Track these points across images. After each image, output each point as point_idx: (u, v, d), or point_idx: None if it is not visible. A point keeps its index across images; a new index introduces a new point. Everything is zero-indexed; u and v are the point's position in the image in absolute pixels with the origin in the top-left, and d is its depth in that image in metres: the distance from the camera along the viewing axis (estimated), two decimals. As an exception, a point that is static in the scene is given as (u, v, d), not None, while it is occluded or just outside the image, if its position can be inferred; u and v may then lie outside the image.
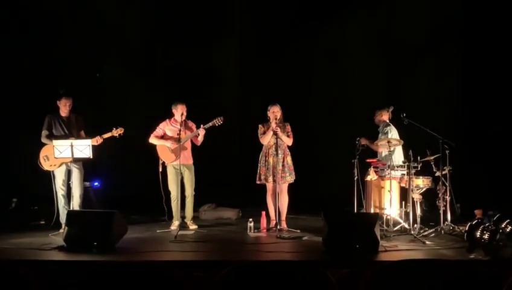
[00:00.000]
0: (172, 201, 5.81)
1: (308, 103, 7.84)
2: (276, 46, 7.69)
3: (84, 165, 5.62)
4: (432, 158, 5.56)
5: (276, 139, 5.57)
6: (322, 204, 5.92)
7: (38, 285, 2.31)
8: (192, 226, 5.79)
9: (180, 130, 5.57)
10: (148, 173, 6.28)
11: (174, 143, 5.68)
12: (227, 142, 7.51)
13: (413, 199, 5.37)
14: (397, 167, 5.60)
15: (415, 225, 5.27)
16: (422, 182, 5.49)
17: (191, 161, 5.87)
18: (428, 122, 5.54)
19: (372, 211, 5.79)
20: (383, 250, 4.32)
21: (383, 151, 6.04)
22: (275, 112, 5.62)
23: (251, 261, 3.96)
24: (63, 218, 5.40)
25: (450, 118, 6.95)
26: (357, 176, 5.77)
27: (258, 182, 5.74)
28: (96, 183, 7.03)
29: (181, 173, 5.67)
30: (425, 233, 5.16)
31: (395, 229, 5.43)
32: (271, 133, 5.61)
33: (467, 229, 4.57)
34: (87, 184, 6.38)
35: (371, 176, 5.91)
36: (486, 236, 4.35)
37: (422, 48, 7.42)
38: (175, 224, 5.69)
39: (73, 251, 4.32)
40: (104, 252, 4.24)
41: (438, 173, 5.58)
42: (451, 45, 7.27)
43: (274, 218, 5.61)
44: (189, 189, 5.81)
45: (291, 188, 5.79)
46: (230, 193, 7.38)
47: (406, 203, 5.53)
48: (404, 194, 5.65)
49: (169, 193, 5.79)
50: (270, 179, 5.61)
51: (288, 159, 5.69)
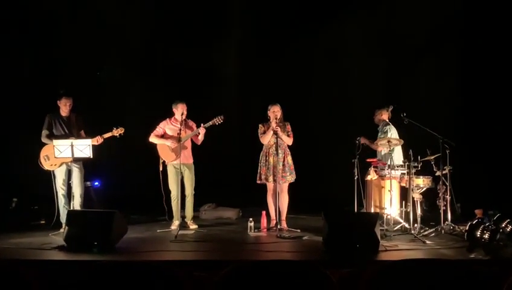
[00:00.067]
0: (172, 200, 5.81)
1: (308, 103, 7.83)
2: (276, 46, 7.68)
3: (85, 165, 5.62)
4: (432, 158, 5.56)
5: (276, 139, 5.57)
6: (322, 204, 5.93)
7: (38, 285, 2.31)
8: (193, 226, 5.79)
9: (180, 129, 5.57)
10: (148, 173, 6.29)
11: (174, 142, 5.68)
12: (227, 142, 7.51)
13: (413, 198, 5.37)
14: (397, 166, 5.60)
15: (415, 225, 5.27)
16: (422, 182, 5.49)
17: (191, 160, 5.87)
18: (428, 122, 5.54)
19: (372, 211, 5.79)
20: (383, 250, 4.33)
21: (383, 151, 6.05)
22: (275, 111, 5.63)
23: (251, 260, 3.97)
24: (63, 218, 5.41)
25: (450, 118, 6.94)
26: (357, 176, 5.78)
27: (258, 181, 5.74)
28: (96, 183, 7.03)
29: (181, 173, 5.67)
30: (426, 233, 5.16)
31: (396, 228, 5.43)
32: (271, 132, 5.61)
33: (467, 228, 4.57)
34: (88, 184, 6.39)
35: (371, 175, 5.91)
36: (486, 236, 4.35)
37: (422, 48, 7.41)
38: (175, 224, 5.69)
39: (74, 251, 4.33)
40: (104, 251, 4.25)
41: (438, 173, 5.57)
42: (451, 45, 7.27)
43: (274, 218, 5.62)
44: (189, 188, 5.81)
45: (292, 187, 5.79)
46: (230, 193, 7.38)
47: (406, 203, 5.53)
48: (404, 193, 5.65)
49: (170, 192, 5.79)
50: (271, 178, 5.61)
51: (289, 159, 5.69)
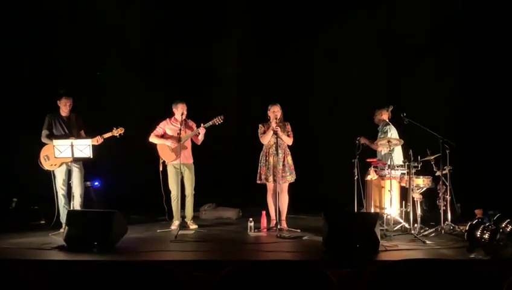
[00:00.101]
0: (172, 200, 5.81)
1: (308, 103, 7.83)
2: (276, 46, 7.68)
3: (84, 165, 5.62)
4: (432, 158, 5.56)
5: (276, 139, 5.57)
6: (322, 204, 5.93)
7: (38, 285, 2.31)
8: (193, 226, 5.79)
9: (180, 129, 5.57)
10: (148, 173, 6.29)
11: (174, 142, 5.68)
12: (227, 142, 7.51)
13: (413, 198, 5.37)
14: (397, 166, 5.60)
15: (415, 225, 5.27)
16: (422, 182, 5.49)
17: (191, 160, 5.87)
18: (428, 122, 5.54)
19: (372, 211, 5.79)
20: (383, 250, 4.33)
21: (383, 151, 6.05)
22: (275, 111, 5.63)
23: (251, 260, 3.96)
24: (63, 218, 5.41)
25: (450, 118, 6.94)
26: (357, 176, 5.78)
27: (258, 181, 5.74)
28: (96, 183, 7.03)
29: (181, 173, 5.67)
30: (426, 233, 5.16)
31: (396, 228, 5.43)
32: (271, 132, 5.61)
33: (467, 228, 4.57)
34: (88, 184, 6.39)
35: (371, 175, 5.91)
36: (486, 236, 4.35)
37: (422, 48, 7.41)
38: (175, 224, 5.69)
39: (74, 251, 4.33)
40: (104, 251, 4.25)
41: (438, 173, 5.57)
42: (451, 45, 7.26)
43: (274, 218, 5.62)
44: (189, 188, 5.81)
45: (292, 187, 5.79)
46: (230, 193, 7.38)
47: (406, 203, 5.53)
48: (404, 193, 5.65)
49: (170, 192, 5.79)
50: (271, 178, 5.61)
51: (289, 159, 5.69)
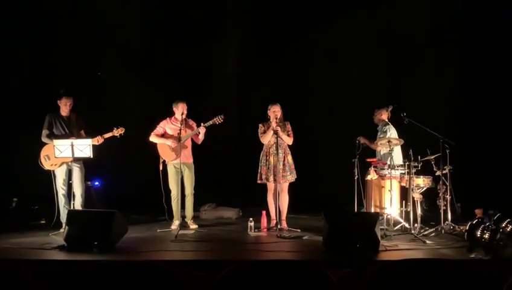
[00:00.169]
0: (172, 200, 5.81)
1: (308, 103, 7.82)
2: (276, 46, 7.68)
3: (85, 164, 5.62)
4: (433, 157, 5.56)
5: (276, 139, 5.57)
6: (322, 203, 5.93)
7: (39, 285, 2.31)
8: (193, 226, 5.79)
9: (180, 128, 5.57)
10: (148, 173, 6.29)
11: (174, 142, 5.68)
12: (228, 142, 7.51)
13: (413, 198, 5.37)
14: (397, 166, 5.60)
15: (416, 225, 5.27)
16: (422, 182, 5.49)
17: (191, 160, 5.87)
18: (428, 122, 5.54)
19: (372, 211, 5.79)
20: (384, 249, 4.33)
21: (382, 151, 6.05)
22: (275, 111, 5.63)
23: (251, 260, 3.96)
24: (63, 217, 5.41)
25: (450, 118, 6.94)
26: (357, 176, 5.78)
27: (259, 181, 5.74)
28: (96, 183, 7.03)
29: (181, 172, 5.67)
30: (426, 232, 5.16)
31: (396, 228, 5.43)
32: (271, 132, 5.61)
33: (467, 228, 4.56)
34: (88, 184, 6.39)
35: (372, 175, 5.90)
36: (486, 236, 4.34)
37: (422, 48, 7.40)
38: (175, 223, 5.69)
39: (74, 251, 4.33)
40: (105, 251, 4.25)
41: (438, 173, 5.57)
42: (452, 45, 7.26)
43: (274, 217, 5.62)
44: (189, 188, 5.81)
45: (292, 187, 5.79)
46: (230, 193, 7.39)
47: (406, 203, 5.52)
48: (404, 193, 5.64)
49: (170, 191, 5.79)
50: (271, 178, 5.61)
51: (289, 158, 5.69)
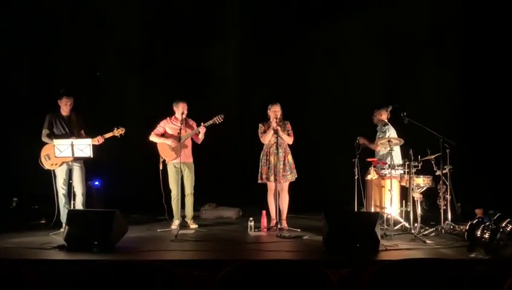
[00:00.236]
0: (172, 200, 5.81)
1: (308, 103, 7.82)
2: (276, 46, 7.68)
3: (85, 164, 5.61)
4: (433, 157, 5.56)
5: (276, 138, 5.57)
6: (322, 203, 5.94)
7: (39, 284, 2.31)
8: (193, 226, 5.80)
9: (180, 128, 5.57)
10: (148, 173, 6.28)
11: (174, 141, 5.68)
12: (228, 142, 7.51)
13: (413, 198, 5.37)
14: (398, 166, 5.60)
15: (416, 224, 5.26)
16: (422, 181, 5.49)
17: (191, 159, 5.87)
18: (428, 122, 5.54)
19: (372, 210, 5.79)
20: (384, 249, 4.33)
21: (381, 151, 6.06)
22: (275, 111, 5.63)
23: (251, 260, 3.96)
24: (63, 217, 5.40)
25: (450, 118, 6.94)
26: (357, 175, 5.78)
27: (259, 181, 5.74)
28: (96, 183, 7.04)
29: (181, 172, 5.67)
30: (426, 232, 5.16)
31: (396, 228, 5.43)
32: (271, 132, 5.61)
33: (467, 228, 4.56)
34: (88, 183, 6.38)
35: (372, 175, 5.90)
36: (486, 235, 4.33)
37: (422, 48, 7.40)
38: (175, 223, 5.69)
39: (74, 250, 4.33)
40: (105, 251, 4.25)
41: (438, 172, 5.57)
42: (452, 45, 7.26)
43: (274, 217, 5.62)
44: (189, 188, 5.81)
45: (292, 187, 5.79)
46: (230, 192, 7.39)
47: (406, 203, 5.52)
48: (404, 193, 5.64)
49: (170, 191, 5.79)
50: (272, 178, 5.61)
51: (289, 158, 5.69)
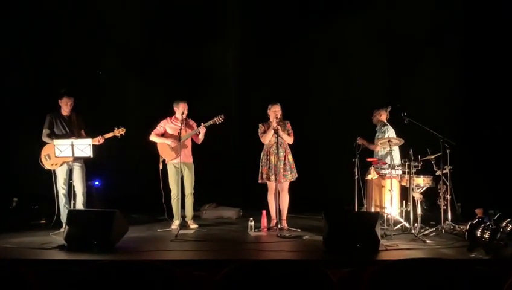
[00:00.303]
0: (172, 200, 5.81)
1: (308, 102, 7.82)
2: (276, 46, 7.68)
3: (85, 164, 5.61)
4: (433, 157, 5.56)
5: (277, 138, 5.57)
6: (322, 203, 5.93)
7: (39, 284, 2.31)
8: (193, 225, 5.80)
9: (180, 128, 5.57)
10: (148, 173, 6.28)
11: (174, 141, 5.68)
12: (228, 142, 7.51)
13: (413, 198, 5.37)
14: (398, 166, 5.60)
15: (416, 224, 5.26)
16: (422, 181, 5.49)
17: (191, 159, 5.87)
18: (428, 122, 5.54)
19: (372, 210, 5.79)
20: (384, 249, 4.33)
21: (380, 151, 6.06)
22: (275, 110, 5.63)
23: (251, 260, 3.97)
24: (63, 217, 5.41)
25: (450, 118, 6.94)
26: (357, 175, 5.78)
27: (260, 181, 5.74)
28: (96, 183, 7.04)
29: (181, 171, 5.67)
30: (426, 232, 5.16)
31: (396, 228, 5.43)
32: (272, 132, 5.61)
33: (467, 228, 4.56)
34: (88, 183, 6.38)
35: (372, 175, 5.90)
36: (486, 235, 4.33)
37: (422, 48, 7.40)
38: (175, 223, 5.69)
39: (74, 250, 4.33)
40: (105, 251, 4.25)
41: (438, 172, 5.57)
42: (452, 45, 7.26)
43: (275, 217, 5.62)
44: (189, 188, 5.81)
45: (292, 187, 5.79)
46: (230, 192, 7.39)
47: (406, 202, 5.52)
48: (404, 193, 5.65)
49: (169, 191, 5.79)
50: (272, 177, 5.61)
51: (290, 157, 5.69)
